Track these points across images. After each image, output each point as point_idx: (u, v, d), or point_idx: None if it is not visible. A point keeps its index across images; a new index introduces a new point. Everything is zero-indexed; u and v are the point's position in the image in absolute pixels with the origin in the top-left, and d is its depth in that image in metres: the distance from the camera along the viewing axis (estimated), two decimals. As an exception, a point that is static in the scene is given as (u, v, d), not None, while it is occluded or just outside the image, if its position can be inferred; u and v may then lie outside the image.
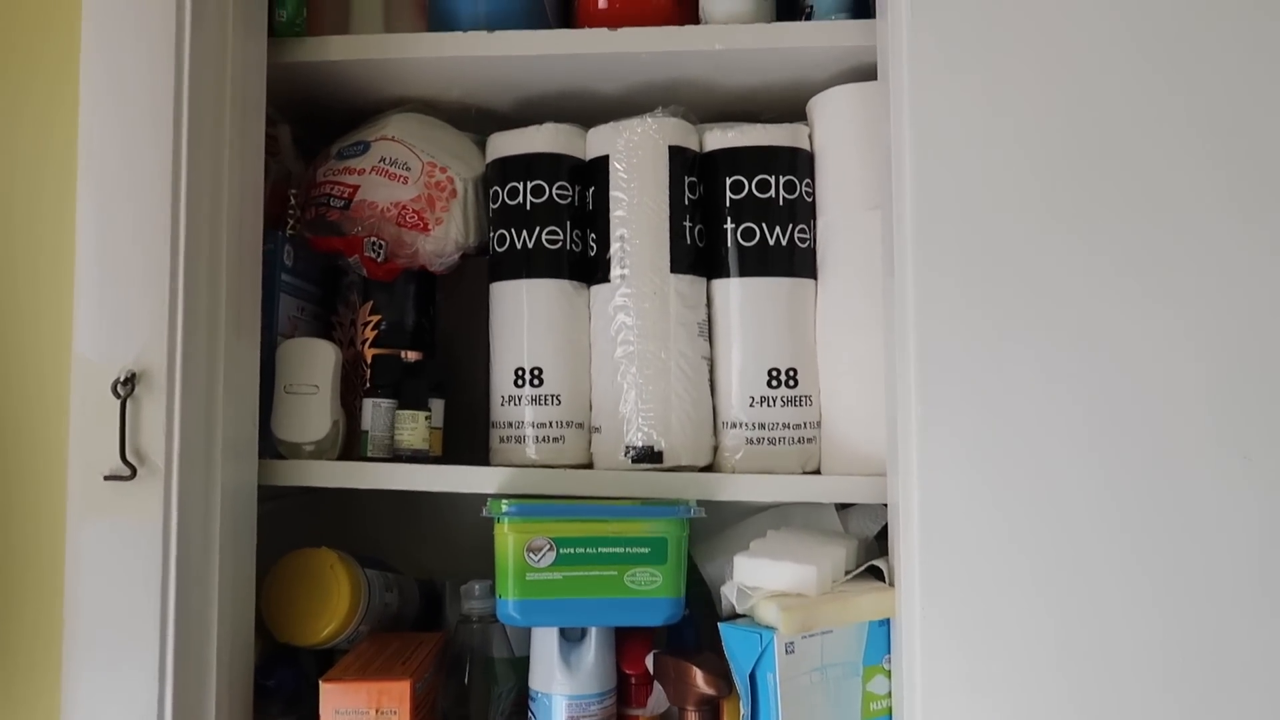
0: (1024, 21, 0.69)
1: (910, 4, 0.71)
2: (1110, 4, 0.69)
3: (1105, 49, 0.69)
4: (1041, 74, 0.69)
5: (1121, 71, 0.68)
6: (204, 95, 0.71)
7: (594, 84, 0.90)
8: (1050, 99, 0.69)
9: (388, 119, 0.90)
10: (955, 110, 0.70)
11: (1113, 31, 0.69)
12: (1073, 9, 0.69)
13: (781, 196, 0.84)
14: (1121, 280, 0.67)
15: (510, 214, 0.87)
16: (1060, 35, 0.69)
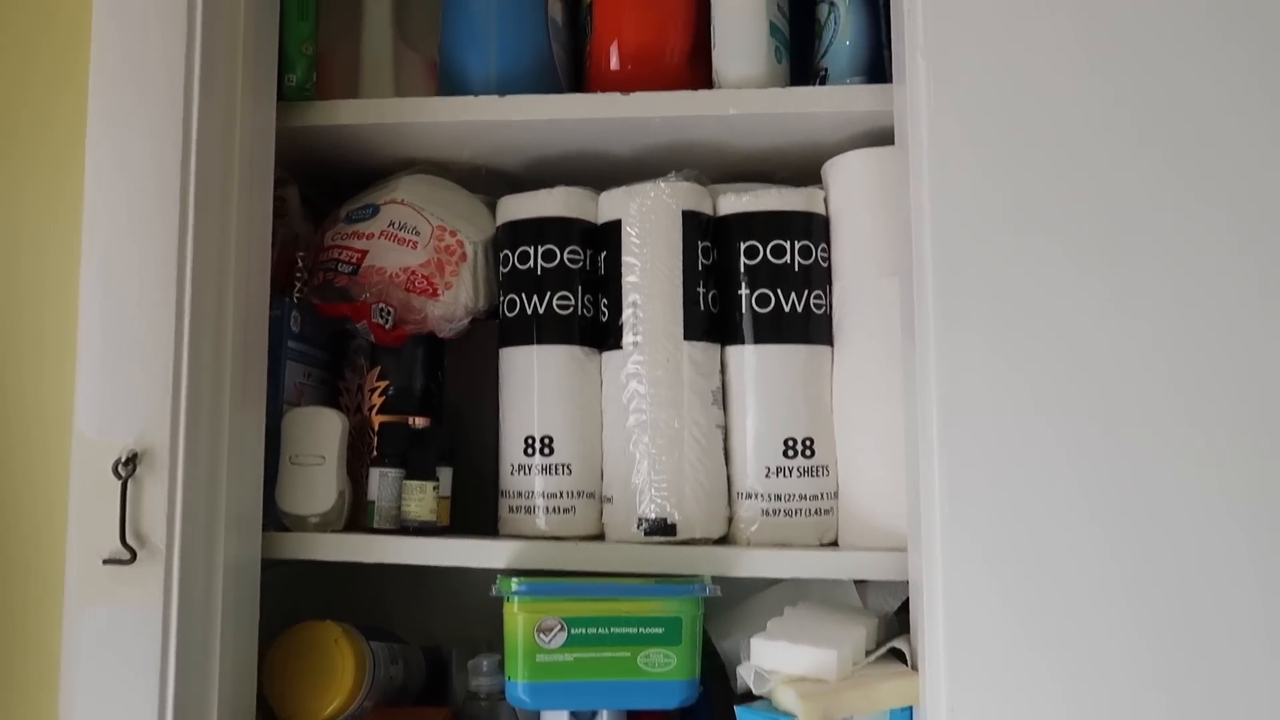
0: (1044, 87, 0.68)
1: (928, 71, 0.70)
2: (1129, 72, 0.67)
3: (1125, 115, 0.67)
4: (1063, 138, 0.68)
5: (1143, 135, 0.67)
6: (212, 163, 0.70)
7: (606, 146, 0.89)
8: (1072, 162, 0.67)
9: (397, 181, 0.89)
10: (976, 177, 0.68)
11: (1132, 98, 0.68)
12: (1092, 77, 0.68)
13: (797, 262, 0.83)
14: (1158, 352, 0.65)
15: (520, 279, 0.85)
16: (1081, 100, 0.68)
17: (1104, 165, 0.67)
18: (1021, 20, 0.68)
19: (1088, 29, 0.68)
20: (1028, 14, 0.68)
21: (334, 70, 0.91)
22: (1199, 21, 0.67)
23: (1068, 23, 0.68)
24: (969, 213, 0.68)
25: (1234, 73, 0.66)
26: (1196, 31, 0.67)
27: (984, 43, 0.68)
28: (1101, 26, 0.68)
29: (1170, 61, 0.67)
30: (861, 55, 0.85)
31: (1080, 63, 0.68)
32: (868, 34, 0.85)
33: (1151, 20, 0.67)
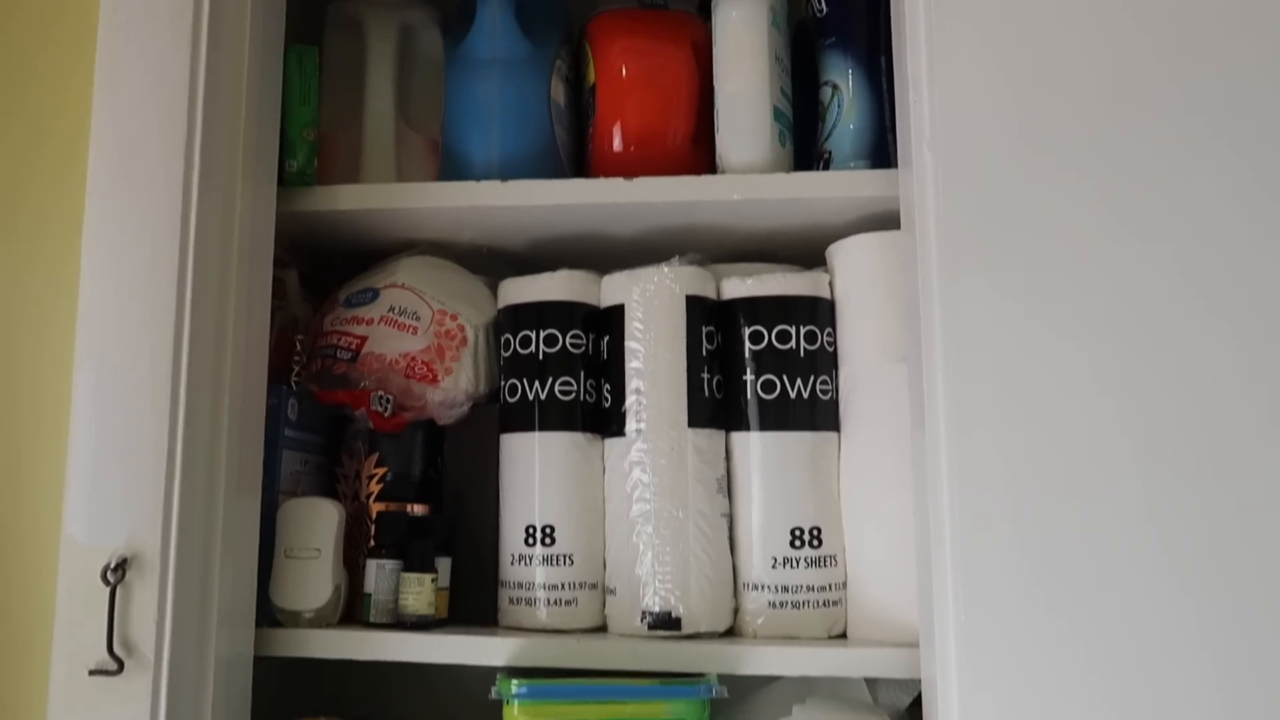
0: (1050, 177, 0.67)
1: (934, 162, 0.69)
2: (1135, 164, 0.67)
3: (1130, 211, 0.66)
4: (1071, 223, 0.66)
5: (1151, 230, 0.66)
6: (210, 254, 0.69)
7: (609, 228, 0.89)
8: (1082, 249, 0.66)
9: (398, 264, 0.88)
10: (985, 265, 0.67)
11: (1137, 195, 0.67)
12: (1101, 164, 0.67)
13: (803, 347, 0.81)
14: (1171, 440, 0.64)
15: (522, 363, 0.84)
16: (1090, 187, 0.67)
17: (1114, 255, 0.66)
18: (1028, 110, 0.67)
19: (1092, 118, 0.67)
20: (1035, 104, 0.67)
21: (336, 150, 0.90)
22: (1207, 121, 0.66)
23: (1073, 111, 0.67)
24: (979, 300, 0.67)
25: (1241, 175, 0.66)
26: (1203, 142, 0.66)
27: (990, 133, 0.67)
28: (1108, 118, 0.67)
29: (1178, 178, 0.66)
30: (866, 139, 0.84)
31: (1088, 151, 0.67)
32: (872, 118, 0.85)
33: (1159, 115, 0.67)
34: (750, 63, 0.84)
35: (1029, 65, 0.67)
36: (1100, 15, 0.67)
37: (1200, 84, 0.66)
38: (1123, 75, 0.67)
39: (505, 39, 0.86)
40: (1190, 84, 0.66)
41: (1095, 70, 0.67)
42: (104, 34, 0.69)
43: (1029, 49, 0.67)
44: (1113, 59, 0.67)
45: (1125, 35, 0.67)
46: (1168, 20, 0.67)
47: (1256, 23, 0.67)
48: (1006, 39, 0.67)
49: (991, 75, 0.67)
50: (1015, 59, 0.67)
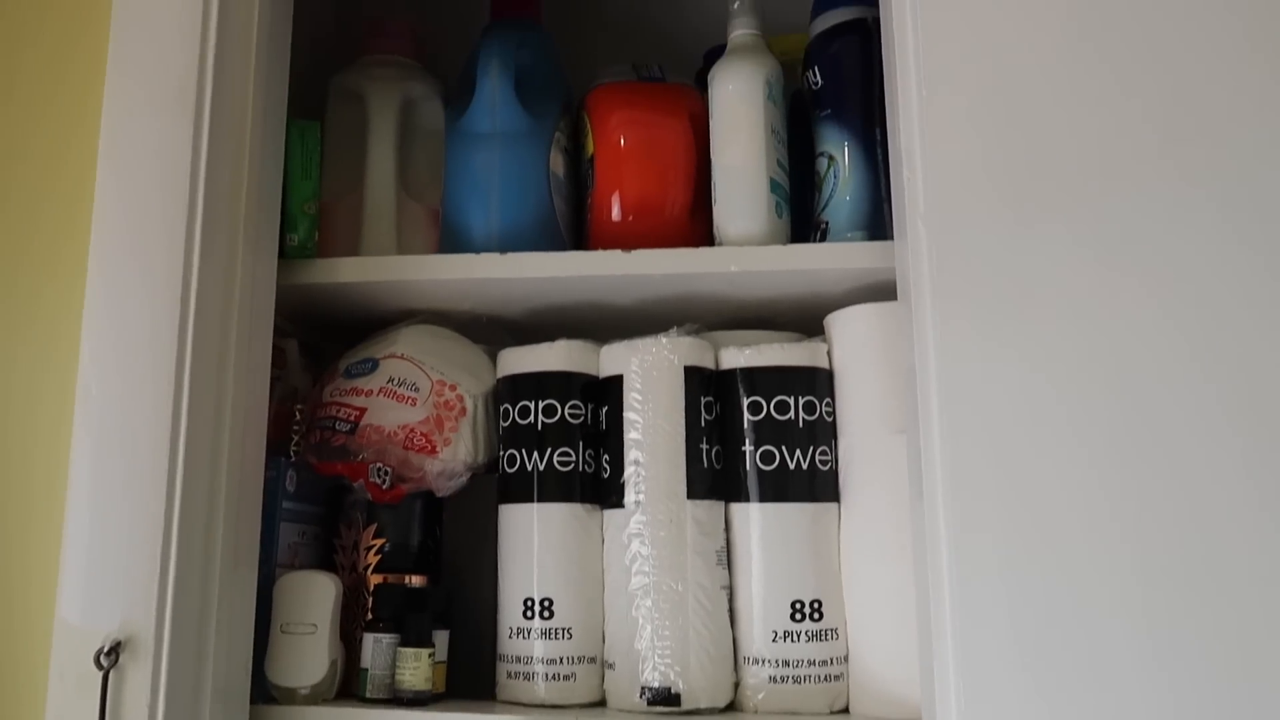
0: (1045, 253, 0.68)
1: (927, 230, 0.69)
2: (1127, 241, 0.67)
3: (1123, 281, 0.67)
4: (1065, 301, 0.67)
5: (1147, 299, 0.66)
6: (209, 330, 0.69)
7: (608, 298, 0.89)
8: (1076, 325, 0.66)
9: (397, 333, 0.89)
10: (982, 335, 0.67)
11: (1132, 263, 0.67)
12: (1093, 238, 0.67)
13: (801, 418, 0.81)
14: (1168, 516, 0.63)
15: (521, 434, 0.84)
16: (1082, 261, 0.67)
17: (1108, 325, 0.66)
18: (1019, 184, 0.68)
19: (1082, 191, 0.68)
20: (1026, 178, 0.68)
21: (337, 219, 0.91)
22: (1196, 193, 0.67)
23: (1064, 185, 0.68)
24: (975, 373, 0.67)
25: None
26: (1193, 212, 0.67)
27: (983, 208, 0.68)
28: (1098, 192, 0.68)
29: (1170, 249, 0.66)
30: (862, 210, 0.85)
31: (1079, 223, 0.67)
32: (868, 189, 0.85)
33: (1148, 187, 0.67)
34: (747, 137, 0.85)
35: (1019, 140, 0.67)
36: (1089, 91, 0.68)
37: (1189, 157, 0.67)
38: (1112, 148, 0.68)
39: (505, 113, 0.87)
40: (1179, 157, 0.67)
41: (1084, 144, 0.68)
42: (108, 109, 0.70)
43: (1019, 124, 0.68)
44: (1101, 132, 0.68)
45: (1114, 109, 0.68)
46: (1157, 94, 0.67)
47: (1244, 93, 0.67)
48: (997, 115, 0.68)
49: (983, 151, 0.68)
50: (1006, 134, 0.68)
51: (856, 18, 0.87)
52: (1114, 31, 0.68)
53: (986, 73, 0.68)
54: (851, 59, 0.87)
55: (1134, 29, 0.68)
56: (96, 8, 0.70)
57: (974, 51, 0.68)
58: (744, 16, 0.89)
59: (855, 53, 0.86)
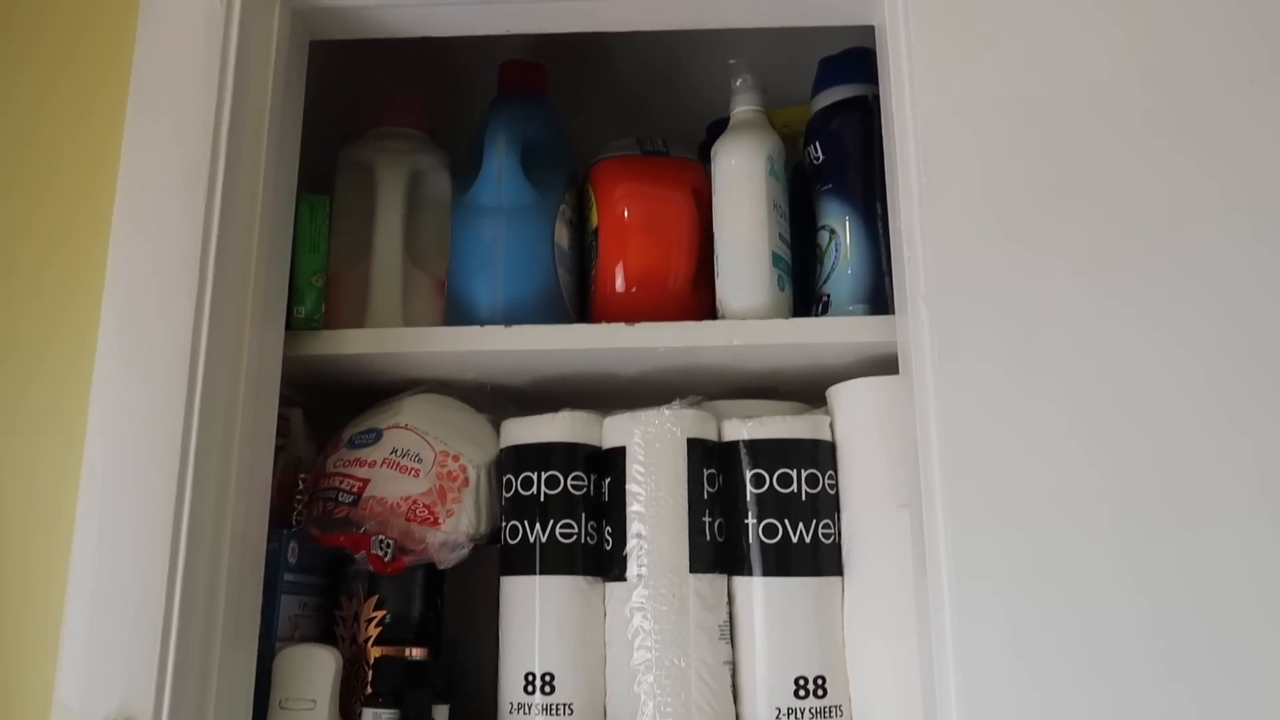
0: (1046, 330, 0.68)
1: (929, 310, 0.70)
2: (1125, 325, 0.67)
3: (1133, 352, 0.67)
4: (1070, 366, 0.67)
5: (1159, 374, 0.67)
6: (216, 399, 0.70)
7: (611, 368, 0.89)
8: (1078, 397, 0.67)
9: (401, 403, 0.89)
10: (984, 411, 0.68)
11: (1133, 360, 0.67)
12: (1097, 313, 0.68)
13: (804, 491, 0.81)
14: (1173, 598, 0.63)
15: (523, 505, 0.84)
16: (1089, 335, 0.68)
17: (1112, 401, 0.66)
18: (1021, 266, 0.69)
19: (1086, 272, 0.68)
20: (1028, 260, 0.68)
21: (344, 288, 0.92)
22: (1202, 272, 0.67)
23: (1066, 267, 0.69)
24: (978, 450, 0.67)
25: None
26: (1202, 294, 0.67)
27: (985, 288, 0.69)
28: (1102, 273, 0.68)
29: (1172, 328, 0.67)
30: (864, 284, 0.86)
31: (1081, 303, 0.68)
32: (869, 262, 0.86)
33: (1148, 270, 0.68)
34: (749, 211, 0.86)
35: (1020, 222, 0.69)
36: (1089, 174, 0.69)
37: (1190, 241, 0.68)
38: (1114, 226, 0.69)
39: (510, 187, 0.89)
40: (1185, 249, 0.68)
41: (1085, 225, 0.69)
42: (123, 188, 0.71)
43: (1019, 207, 0.69)
44: (1103, 213, 0.69)
45: (1114, 191, 0.69)
46: (1160, 180, 0.69)
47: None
48: (996, 199, 0.69)
49: (983, 233, 0.69)
50: (1006, 216, 0.69)
51: (857, 95, 0.89)
52: (1112, 114, 0.69)
53: (984, 157, 0.69)
54: (852, 135, 0.88)
55: (1134, 111, 0.70)
56: (112, 89, 0.72)
57: (972, 137, 0.69)
58: (746, 93, 0.90)
59: (856, 129, 0.88)
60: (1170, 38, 0.70)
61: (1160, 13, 0.70)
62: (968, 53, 0.70)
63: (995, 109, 0.69)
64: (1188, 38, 0.69)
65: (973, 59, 0.70)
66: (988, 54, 0.70)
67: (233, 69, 0.71)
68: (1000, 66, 0.70)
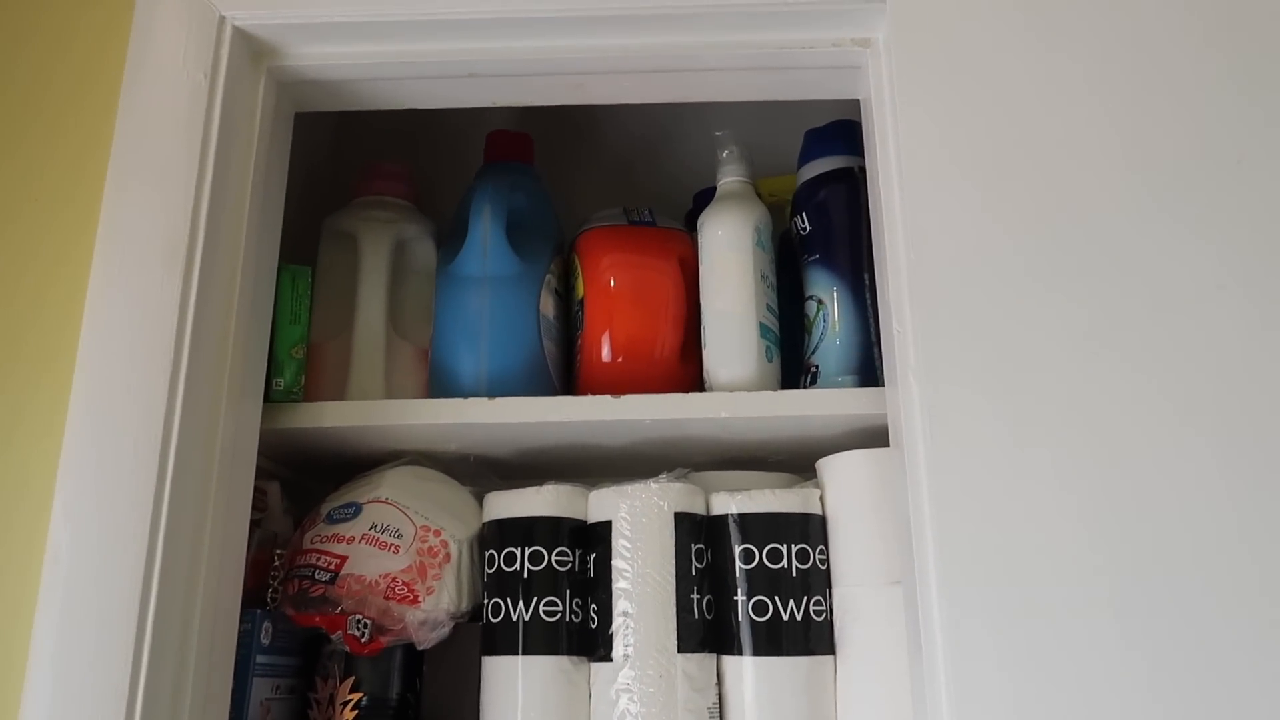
0: (1042, 396, 0.67)
1: (919, 381, 0.69)
2: (1120, 403, 0.67)
3: (1129, 426, 0.66)
4: (1064, 440, 0.66)
5: (1148, 469, 0.66)
6: (189, 476, 0.67)
7: (597, 440, 0.88)
8: (1073, 469, 0.65)
9: (382, 476, 0.87)
10: (977, 485, 0.66)
11: (1135, 402, 0.67)
12: (1092, 387, 0.67)
13: (795, 566, 0.79)
14: (1182, 667, 0.61)
15: (506, 582, 0.81)
16: (1078, 405, 0.67)
17: (1107, 476, 0.65)
18: (1013, 340, 0.68)
19: (1073, 346, 0.68)
20: (1019, 335, 0.68)
21: (326, 359, 0.90)
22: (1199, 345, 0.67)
23: (1058, 344, 0.68)
24: (971, 526, 0.66)
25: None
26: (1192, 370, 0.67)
27: (977, 363, 0.68)
28: (1094, 352, 0.68)
29: (1181, 402, 0.66)
30: (852, 355, 0.85)
31: (1074, 378, 0.67)
32: (858, 333, 0.86)
33: (1140, 352, 0.67)
34: (736, 283, 0.85)
35: (1013, 296, 0.68)
36: (1078, 247, 0.69)
37: (1185, 311, 0.68)
38: (1108, 296, 0.68)
39: (496, 257, 0.88)
40: (1177, 312, 0.67)
41: (1079, 295, 0.68)
42: (98, 265, 0.69)
43: (1007, 282, 0.68)
44: (1096, 281, 0.68)
45: (1108, 258, 0.68)
46: (1149, 251, 0.68)
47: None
48: (987, 271, 0.68)
49: (975, 305, 0.68)
50: (998, 290, 0.68)
51: (844, 166, 0.89)
52: (1101, 186, 0.69)
53: (972, 229, 0.69)
54: (839, 207, 0.88)
55: (1123, 184, 0.70)
56: (94, 161, 0.71)
57: (960, 210, 0.69)
58: (733, 165, 0.90)
59: (842, 200, 0.88)
60: (1160, 112, 0.70)
61: (1149, 86, 0.70)
62: (953, 127, 0.70)
63: (982, 182, 0.69)
64: (1178, 112, 0.70)
65: (959, 133, 0.70)
66: (974, 128, 0.70)
67: (215, 141, 0.71)
68: (987, 140, 0.70)
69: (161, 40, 0.72)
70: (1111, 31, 0.70)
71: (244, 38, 0.75)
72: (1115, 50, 0.70)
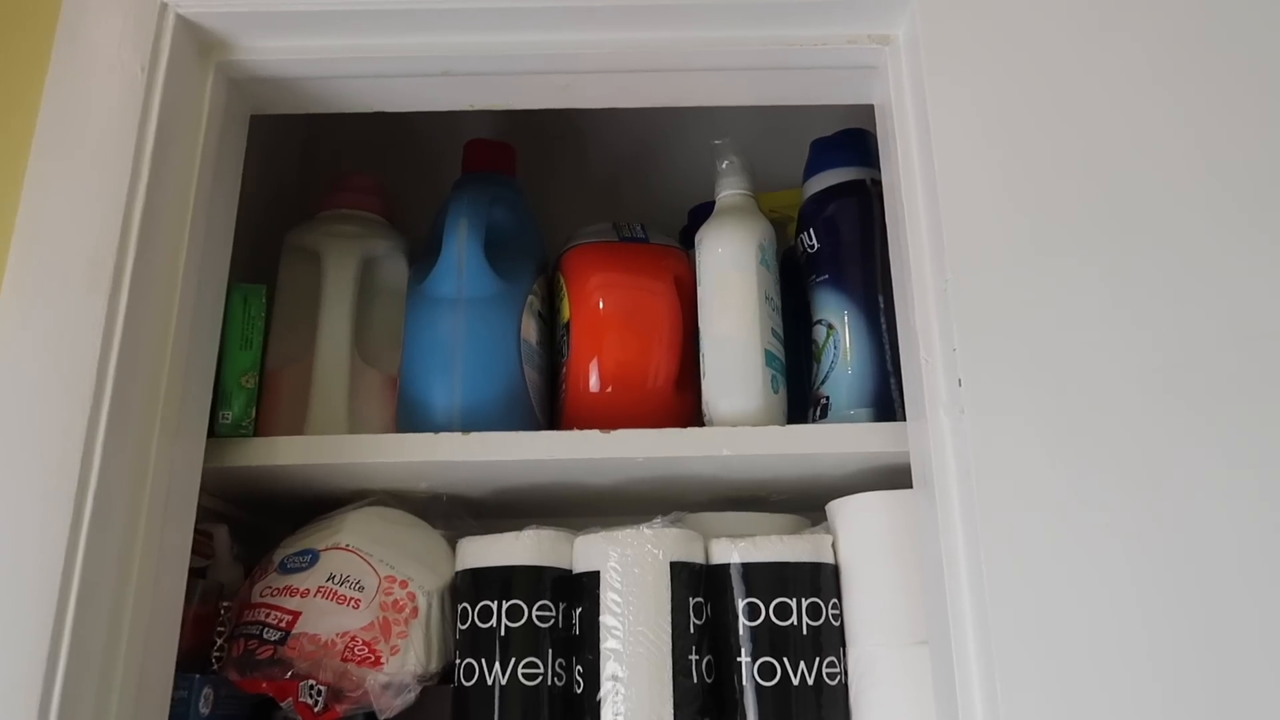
0: (1100, 428, 0.58)
1: (950, 412, 0.60)
2: (1204, 411, 0.59)
3: (1200, 469, 0.58)
4: (1125, 484, 0.57)
5: (1226, 484, 0.57)
6: (111, 526, 0.58)
7: (584, 479, 0.79)
8: (1140, 512, 0.57)
9: (343, 519, 0.78)
10: (1028, 531, 0.57)
11: (1205, 443, 0.58)
12: (1149, 413, 0.59)
13: (805, 623, 0.71)
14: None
15: (480, 640, 0.72)
16: (1144, 446, 0.58)
17: (1180, 515, 0.57)
18: (1063, 366, 0.59)
19: (1135, 372, 0.60)
20: (1071, 359, 0.59)
21: (285, 389, 0.81)
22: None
23: (1129, 370, 0.60)
24: (1012, 576, 0.57)
25: None
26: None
27: (1027, 394, 0.59)
28: (1144, 381, 0.60)
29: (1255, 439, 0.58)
30: (867, 385, 0.77)
31: (1148, 406, 0.59)
32: (873, 361, 0.77)
33: (1185, 376, 0.59)
34: (739, 305, 0.77)
35: (1070, 328, 0.60)
36: (1139, 258, 0.61)
37: (1262, 337, 0.60)
38: (1175, 321, 0.60)
39: (472, 276, 0.79)
40: (1254, 345, 0.60)
41: (1140, 317, 0.60)
42: (10, 281, 0.60)
43: (1060, 303, 0.60)
44: (1161, 303, 0.60)
45: (1175, 275, 0.60)
46: (1224, 271, 0.60)
47: None
48: (1045, 299, 0.60)
49: (1028, 335, 0.60)
50: (1055, 321, 0.60)
51: (855, 179, 0.81)
52: (1154, 193, 0.61)
53: (1027, 250, 0.60)
54: (850, 222, 0.80)
55: (1182, 193, 0.62)
56: (7, 168, 0.62)
57: (1009, 230, 0.61)
58: (733, 176, 0.83)
59: (854, 216, 0.80)
60: (1243, 104, 0.62)
61: (1231, 72, 0.62)
62: (997, 130, 0.62)
63: (1035, 194, 0.61)
64: (1263, 104, 0.62)
65: (1004, 137, 0.62)
66: (1022, 130, 0.62)
67: (151, 143, 0.62)
68: (1038, 143, 0.62)
69: (94, 27, 0.64)
70: (1183, 8, 0.63)
71: (189, 28, 0.66)
72: (1187, 31, 0.63)
